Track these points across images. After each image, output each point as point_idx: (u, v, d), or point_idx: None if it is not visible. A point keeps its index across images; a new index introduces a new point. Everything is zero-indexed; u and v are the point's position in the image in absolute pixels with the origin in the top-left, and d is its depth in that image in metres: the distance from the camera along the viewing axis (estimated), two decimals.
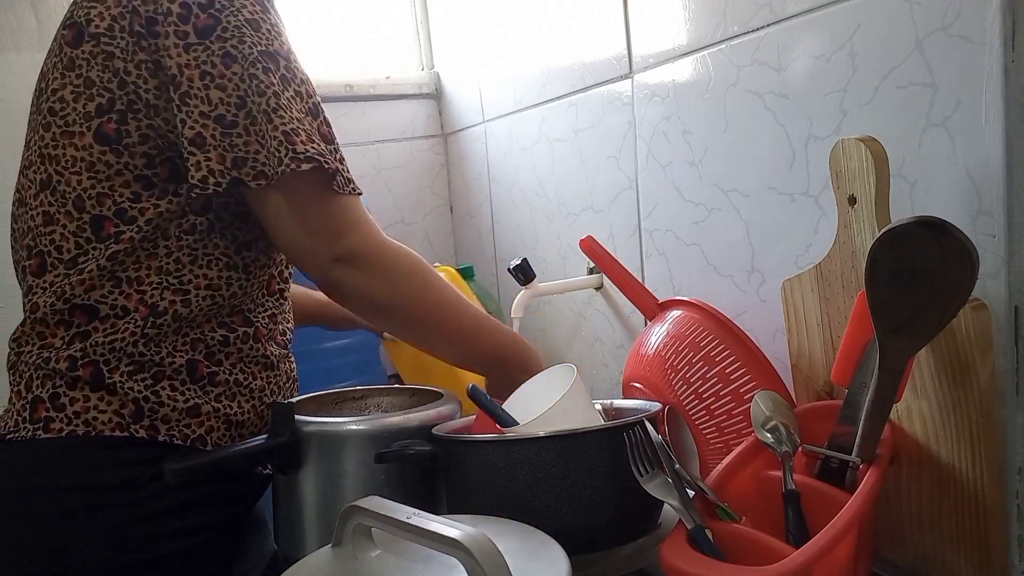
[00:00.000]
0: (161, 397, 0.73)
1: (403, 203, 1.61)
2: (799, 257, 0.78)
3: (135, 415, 0.72)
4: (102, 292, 0.72)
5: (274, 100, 0.70)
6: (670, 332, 0.85)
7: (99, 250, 0.72)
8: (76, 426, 0.70)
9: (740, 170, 0.84)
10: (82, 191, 0.72)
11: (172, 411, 0.73)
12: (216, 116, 0.69)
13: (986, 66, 0.58)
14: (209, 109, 0.69)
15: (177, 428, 0.73)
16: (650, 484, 0.63)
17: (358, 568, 0.56)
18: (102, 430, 0.70)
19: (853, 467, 0.62)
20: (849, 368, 0.64)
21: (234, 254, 0.77)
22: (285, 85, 0.71)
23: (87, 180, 0.72)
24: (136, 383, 0.72)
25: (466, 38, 1.47)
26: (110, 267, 0.72)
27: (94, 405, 0.71)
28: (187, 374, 0.74)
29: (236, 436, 0.77)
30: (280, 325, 0.84)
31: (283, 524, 0.77)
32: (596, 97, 1.08)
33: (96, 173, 0.72)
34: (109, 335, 0.72)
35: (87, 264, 0.72)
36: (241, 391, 0.78)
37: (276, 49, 0.72)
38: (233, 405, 0.77)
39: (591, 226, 1.13)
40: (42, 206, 0.74)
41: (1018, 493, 0.60)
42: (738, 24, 0.81)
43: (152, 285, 0.73)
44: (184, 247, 0.74)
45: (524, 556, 0.54)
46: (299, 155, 0.69)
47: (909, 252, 0.55)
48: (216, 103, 0.69)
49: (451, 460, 0.70)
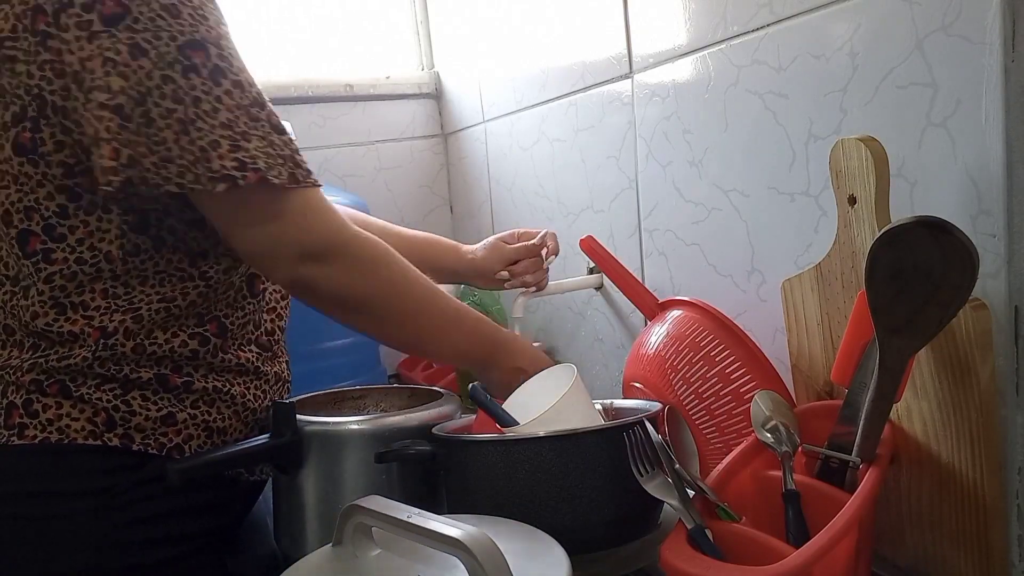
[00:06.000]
0: (132, 407, 0.71)
1: (403, 203, 1.61)
2: (799, 257, 0.78)
3: (107, 423, 0.70)
4: (47, 320, 0.69)
5: (193, 108, 0.63)
6: (670, 332, 0.85)
7: (29, 268, 0.69)
8: (50, 433, 0.68)
9: (740, 170, 0.84)
10: (10, 205, 0.68)
11: (146, 420, 0.71)
12: (115, 106, 0.62)
13: (986, 66, 0.58)
14: (108, 98, 0.62)
15: (152, 437, 0.71)
16: (650, 484, 0.63)
17: (358, 567, 0.56)
18: (75, 438, 0.69)
19: (853, 467, 0.62)
20: (849, 368, 0.64)
21: (189, 266, 0.73)
22: (216, 80, 0.64)
23: (15, 193, 0.68)
24: (104, 393, 0.70)
25: (466, 38, 1.47)
26: (50, 292, 0.68)
27: (67, 413, 0.69)
28: (158, 384, 0.72)
29: (218, 443, 0.75)
30: (263, 326, 0.81)
31: (283, 524, 0.77)
32: (596, 97, 1.08)
33: (21, 186, 0.68)
34: (64, 359, 0.69)
35: (30, 289, 0.69)
36: (221, 397, 0.75)
37: (203, 36, 0.64)
38: (212, 412, 0.75)
39: (591, 226, 1.13)
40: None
41: (1018, 493, 0.60)
42: (738, 24, 0.81)
43: (99, 310, 0.70)
44: (131, 269, 0.70)
45: (524, 556, 0.54)
46: (214, 174, 0.63)
47: (909, 252, 0.55)
48: (116, 91, 0.62)
49: (451, 460, 0.70)
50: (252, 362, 0.78)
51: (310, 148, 1.48)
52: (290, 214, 0.68)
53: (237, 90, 0.66)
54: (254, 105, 0.66)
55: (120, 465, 0.70)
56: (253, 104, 0.66)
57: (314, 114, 1.50)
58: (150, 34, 0.63)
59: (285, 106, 1.46)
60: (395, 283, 0.76)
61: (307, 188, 0.69)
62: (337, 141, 1.52)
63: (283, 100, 1.46)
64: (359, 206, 1.34)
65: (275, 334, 0.83)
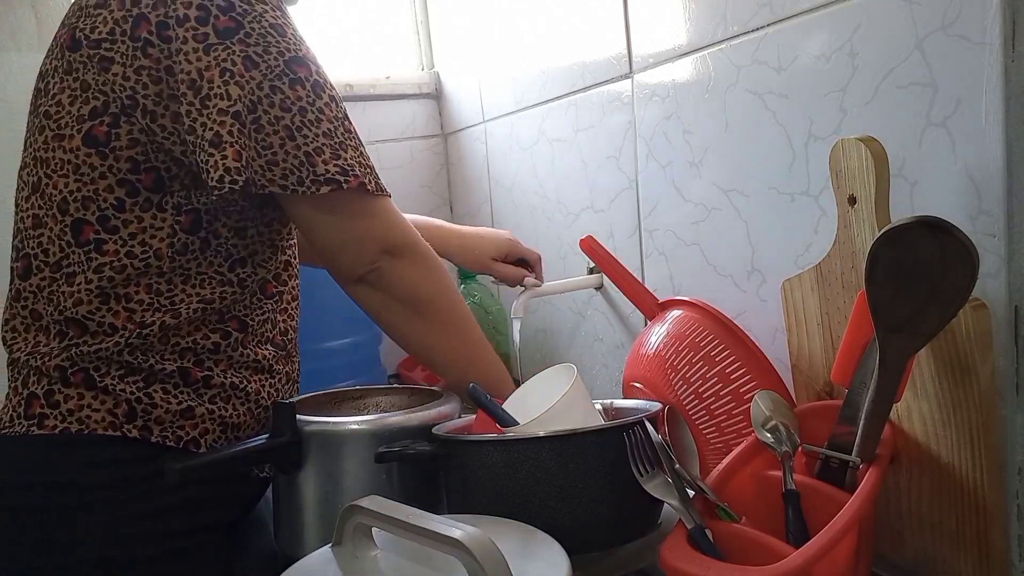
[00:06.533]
0: (154, 399, 0.73)
1: (403, 203, 1.59)
2: (799, 257, 0.78)
3: (128, 415, 0.72)
4: (90, 308, 0.71)
5: (299, 117, 0.69)
6: (670, 332, 0.85)
7: (79, 256, 0.71)
8: (70, 423, 0.70)
9: (740, 170, 0.84)
10: (68, 194, 0.71)
11: (165, 413, 0.73)
12: (234, 112, 0.68)
13: (986, 66, 0.58)
14: (228, 105, 0.68)
15: (171, 430, 0.73)
16: (650, 484, 0.63)
17: (358, 568, 0.56)
18: (95, 428, 0.71)
19: (853, 467, 0.62)
20: (849, 368, 0.64)
21: (228, 271, 0.76)
22: (318, 93, 0.71)
23: (73, 183, 0.71)
24: (128, 385, 0.72)
25: (466, 38, 1.47)
26: (98, 281, 0.71)
27: (88, 403, 0.71)
28: (180, 378, 0.74)
29: (232, 438, 0.77)
30: (279, 326, 0.84)
31: (283, 524, 0.77)
32: (596, 97, 1.08)
33: (81, 176, 0.71)
34: (95, 346, 0.71)
35: (76, 276, 0.71)
36: (236, 394, 0.77)
37: (305, 54, 0.71)
38: (228, 408, 0.77)
39: (591, 226, 1.13)
40: (32, 208, 0.74)
41: (1018, 493, 0.60)
42: (738, 24, 0.81)
43: (142, 304, 0.72)
44: (177, 268, 0.73)
45: (524, 556, 0.54)
46: (319, 177, 0.70)
47: (909, 252, 0.55)
48: (235, 99, 0.68)
49: (451, 460, 0.70)
50: (268, 360, 0.81)
51: None
52: (377, 215, 0.77)
53: (333, 104, 0.73)
54: (345, 119, 0.74)
55: (137, 456, 0.72)
56: (345, 118, 0.74)
57: None
58: (260, 48, 0.69)
59: None
60: (453, 290, 0.84)
61: (387, 196, 0.78)
62: None
63: None
64: None
65: (288, 334, 0.86)
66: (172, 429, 0.73)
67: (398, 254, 0.78)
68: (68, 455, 0.71)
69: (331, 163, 0.70)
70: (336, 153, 0.71)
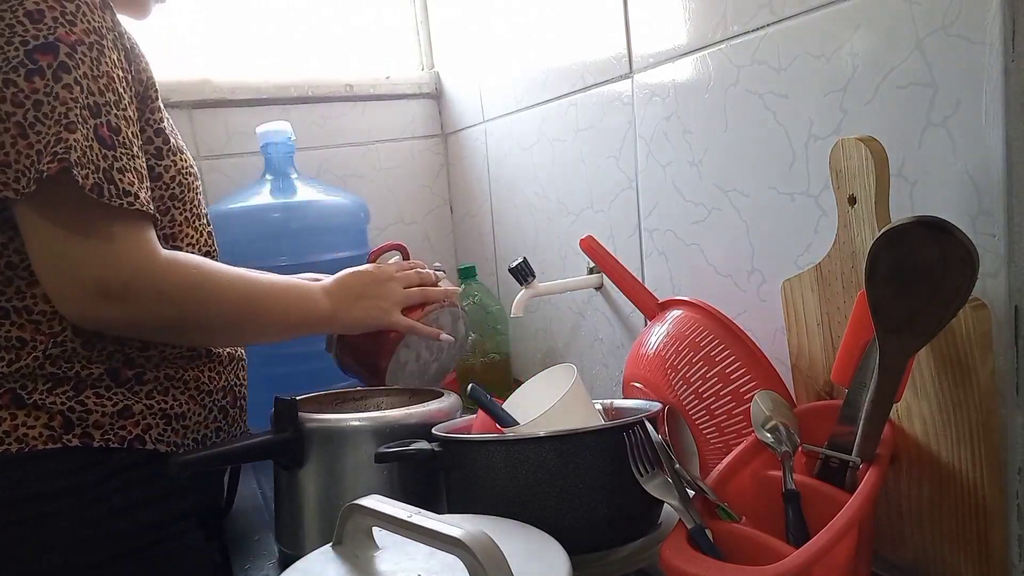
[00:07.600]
0: (87, 405, 0.71)
1: (403, 203, 1.61)
2: (799, 257, 0.78)
3: (65, 426, 0.70)
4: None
5: (32, 111, 0.63)
6: (670, 332, 0.85)
7: None
8: (9, 444, 0.68)
9: (740, 170, 0.85)
10: None
11: (103, 416, 0.71)
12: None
13: (986, 66, 0.58)
14: None
15: (112, 432, 0.72)
16: (650, 484, 0.63)
17: (359, 567, 0.56)
18: (35, 445, 0.69)
19: (853, 467, 0.62)
20: (849, 368, 0.64)
21: None
22: (57, 78, 0.63)
23: None
24: (58, 396, 0.70)
25: (466, 38, 1.47)
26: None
27: (22, 422, 0.69)
28: (111, 379, 0.72)
29: (179, 429, 0.76)
30: None
31: (284, 522, 0.78)
32: (596, 97, 1.08)
33: None
34: (15, 365, 0.70)
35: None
36: (174, 384, 0.76)
37: (58, 37, 0.64)
38: (168, 400, 0.75)
39: (591, 226, 1.13)
40: None
41: (1018, 493, 0.60)
42: (738, 24, 0.81)
43: (45, 315, 0.70)
44: None
45: (524, 556, 0.54)
46: (41, 171, 0.62)
47: (909, 252, 0.55)
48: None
49: (452, 460, 0.70)
50: None
51: (310, 148, 1.48)
52: (93, 239, 0.66)
53: (78, 87, 0.64)
54: (89, 112, 0.65)
55: (82, 464, 0.70)
56: (88, 110, 0.65)
57: (314, 114, 1.50)
58: (3, 40, 0.63)
59: (285, 106, 1.46)
60: (209, 298, 0.73)
61: (120, 209, 0.66)
62: (337, 141, 1.52)
63: (283, 100, 1.46)
64: (359, 206, 1.34)
65: None
66: (113, 431, 0.72)
67: (114, 298, 0.67)
68: (12, 473, 0.69)
69: (49, 154, 0.62)
70: (60, 138, 0.63)
